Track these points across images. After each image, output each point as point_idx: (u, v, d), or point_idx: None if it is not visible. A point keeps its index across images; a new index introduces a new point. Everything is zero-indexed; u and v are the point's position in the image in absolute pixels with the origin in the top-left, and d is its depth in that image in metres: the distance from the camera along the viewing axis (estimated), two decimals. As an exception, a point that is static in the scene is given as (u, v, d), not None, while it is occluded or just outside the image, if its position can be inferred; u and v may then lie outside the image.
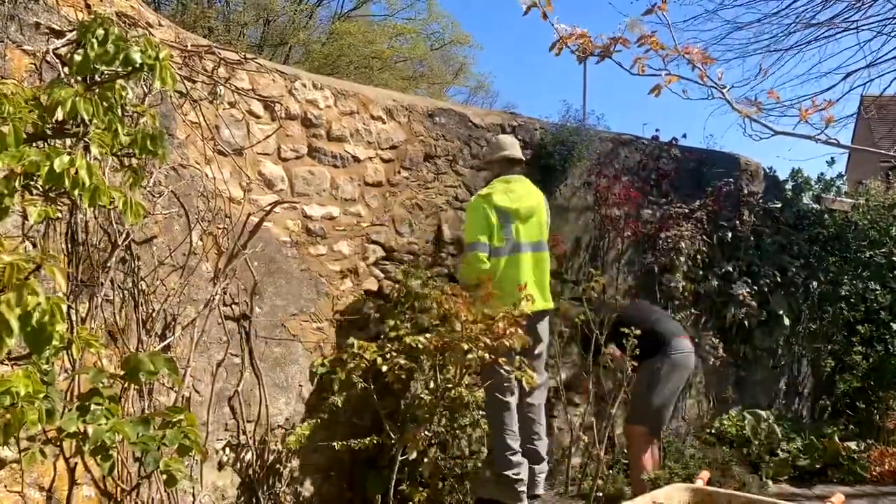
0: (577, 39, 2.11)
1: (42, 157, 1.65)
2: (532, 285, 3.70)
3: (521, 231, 3.71)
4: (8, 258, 1.44)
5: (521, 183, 3.86)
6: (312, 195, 3.73)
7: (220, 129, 3.32)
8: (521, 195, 3.78)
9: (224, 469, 3.31)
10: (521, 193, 3.79)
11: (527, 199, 3.81)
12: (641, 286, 5.23)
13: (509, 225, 3.67)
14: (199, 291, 3.13)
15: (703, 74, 2.12)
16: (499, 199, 3.69)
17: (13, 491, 2.28)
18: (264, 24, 15.50)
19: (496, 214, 3.65)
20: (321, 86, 3.80)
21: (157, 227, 2.93)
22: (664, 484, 3.45)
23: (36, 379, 1.65)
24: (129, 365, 1.94)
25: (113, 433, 1.83)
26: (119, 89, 1.95)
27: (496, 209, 3.66)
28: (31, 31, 2.49)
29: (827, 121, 2.15)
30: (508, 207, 3.68)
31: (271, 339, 3.50)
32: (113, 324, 2.66)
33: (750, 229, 5.69)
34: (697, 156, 5.69)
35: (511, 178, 3.83)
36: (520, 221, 3.72)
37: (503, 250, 3.66)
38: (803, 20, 6.77)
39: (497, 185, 3.79)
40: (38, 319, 1.45)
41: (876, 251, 6.46)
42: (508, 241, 3.67)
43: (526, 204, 3.78)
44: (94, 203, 1.73)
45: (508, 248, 3.67)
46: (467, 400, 3.78)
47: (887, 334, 6.36)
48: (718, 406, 5.65)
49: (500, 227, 3.65)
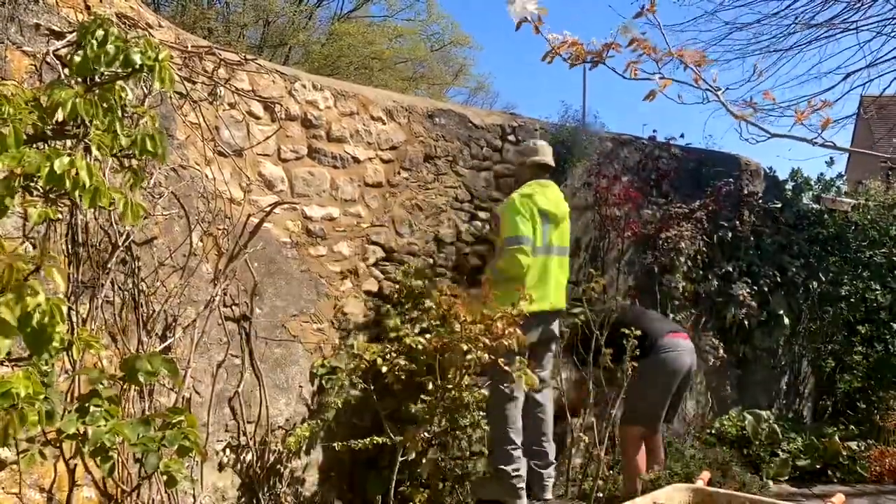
0: (570, 47, 2.11)
1: (42, 158, 1.65)
2: (555, 287, 3.87)
3: (553, 235, 3.86)
4: (8, 259, 1.44)
5: (555, 189, 4.00)
6: (312, 196, 3.73)
7: (220, 130, 3.32)
8: (557, 201, 3.94)
9: (224, 470, 3.31)
10: (557, 199, 3.95)
11: (561, 205, 3.97)
12: (641, 286, 5.23)
13: (546, 227, 3.81)
14: (199, 292, 3.13)
15: (698, 77, 2.11)
16: (541, 200, 3.81)
17: (13, 492, 2.28)
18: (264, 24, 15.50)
19: (538, 213, 3.77)
20: (321, 87, 3.80)
21: (157, 228, 2.93)
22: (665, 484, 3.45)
23: (36, 380, 1.65)
24: (129, 366, 1.94)
25: (112, 434, 1.83)
26: (119, 90, 1.95)
27: (538, 209, 3.78)
28: (31, 33, 2.49)
29: (824, 123, 2.14)
30: (549, 210, 3.82)
31: (271, 339, 3.51)
32: (113, 325, 2.67)
33: (750, 229, 5.69)
34: (697, 156, 5.69)
35: (546, 184, 3.95)
36: (553, 225, 3.87)
37: (539, 250, 3.78)
38: (803, 21, 6.77)
39: (535, 187, 3.88)
40: (39, 320, 1.45)
41: (876, 251, 6.46)
42: (543, 243, 3.80)
43: (561, 210, 3.96)
44: (94, 204, 1.73)
45: (543, 249, 3.80)
46: (467, 400, 3.78)
47: (887, 334, 6.36)
48: (718, 406, 5.65)
49: (538, 226, 3.76)
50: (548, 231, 3.82)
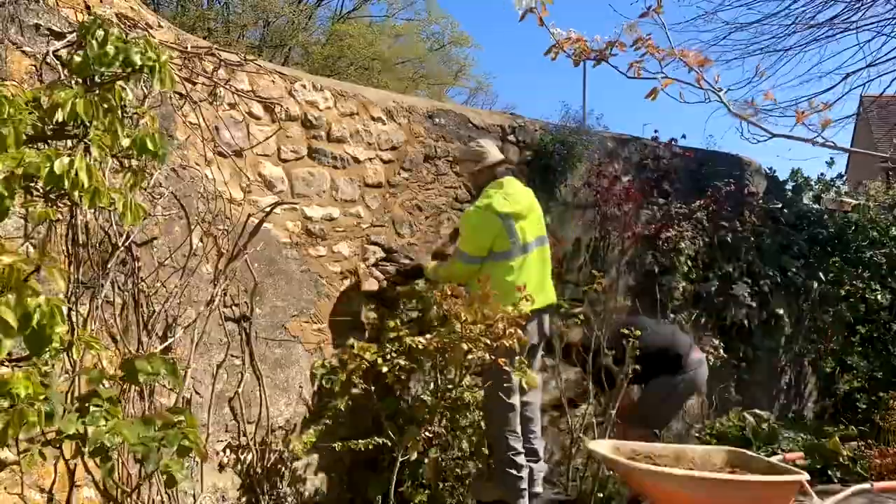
0: (574, 44, 2.10)
1: (42, 158, 1.65)
2: (538, 283, 3.71)
3: (526, 229, 3.69)
4: (8, 259, 1.44)
5: (513, 183, 3.82)
6: (312, 196, 3.73)
7: (220, 131, 3.32)
8: (518, 196, 3.75)
9: (225, 470, 3.31)
10: (518, 194, 3.77)
11: (523, 197, 3.79)
12: (642, 287, 5.23)
13: (514, 227, 3.64)
14: (199, 293, 3.13)
15: (700, 77, 2.12)
16: (499, 204, 3.62)
17: (13, 493, 2.28)
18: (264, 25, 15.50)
19: (500, 220, 3.60)
20: (321, 87, 3.80)
21: (157, 229, 2.93)
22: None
23: (36, 380, 1.65)
24: (129, 366, 1.94)
25: (113, 435, 1.83)
26: (119, 91, 1.95)
27: (500, 216, 3.60)
28: (32, 33, 2.49)
29: (823, 123, 2.15)
30: (511, 211, 3.65)
31: (271, 340, 3.51)
32: (113, 325, 2.66)
33: (750, 230, 5.69)
34: (698, 156, 5.68)
35: (503, 181, 3.77)
36: (523, 220, 3.70)
37: (513, 253, 3.62)
38: (803, 21, 6.78)
39: (492, 191, 3.71)
40: (38, 321, 1.45)
41: (876, 251, 6.46)
42: (516, 244, 3.63)
43: (524, 202, 3.77)
44: (94, 204, 1.73)
45: (518, 250, 3.64)
46: (468, 400, 3.79)
47: (887, 334, 6.36)
48: (719, 406, 5.64)
49: (505, 232, 3.60)
50: (517, 231, 3.65)
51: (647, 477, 2.97)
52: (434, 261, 4.10)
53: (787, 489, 2.95)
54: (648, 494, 3.08)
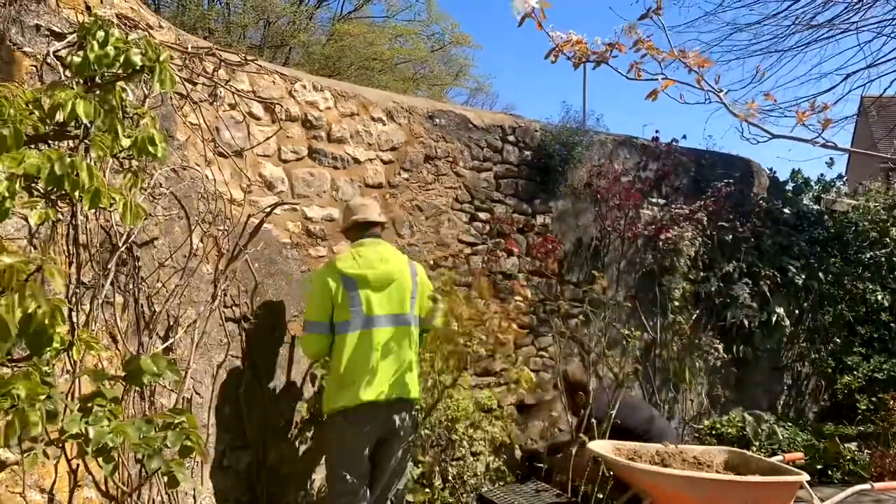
0: (574, 46, 2.10)
1: (43, 159, 1.65)
2: (386, 368, 3.10)
3: (373, 301, 3.12)
4: (9, 260, 1.44)
5: (376, 247, 3.25)
6: (313, 196, 3.73)
7: (221, 131, 3.33)
8: (373, 260, 3.17)
9: (225, 471, 3.30)
10: (373, 258, 3.18)
11: (380, 264, 3.18)
12: (642, 287, 5.23)
13: (357, 294, 3.11)
14: (199, 293, 3.13)
15: (700, 78, 2.12)
16: (344, 265, 3.15)
17: (14, 493, 2.28)
18: (264, 25, 15.49)
19: (341, 282, 3.11)
20: (321, 87, 3.81)
21: (157, 229, 2.93)
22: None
23: (37, 380, 1.65)
24: (132, 367, 1.94)
25: (115, 435, 1.84)
26: (119, 91, 1.95)
27: (341, 276, 3.12)
28: (32, 34, 2.50)
29: (824, 124, 2.15)
30: (356, 274, 3.12)
31: (272, 340, 3.50)
32: (114, 325, 2.67)
33: (750, 230, 5.69)
34: (697, 157, 5.69)
35: (364, 242, 3.26)
36: (371, 290, 3.13)
37: (351, 325, 3.09)
38: (803, 21, 6.78)
39: (351, 251, 3.26)
40: (39, 321, 1.45)
41: (876, 251, 6.46)
42: (357, 314, 3.10)
43: (380, 269, 3.17)
44: (94, 205, 1.73)
45: (359, 322, 3.10)
46: (468, 401, 3.79)
47: (887, 335, 6.36)
48: (719, 407, 5.65)
49: (345, 297, 3.10)
50: (361, 299, 3.10)
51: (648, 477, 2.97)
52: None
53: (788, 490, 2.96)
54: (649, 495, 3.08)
